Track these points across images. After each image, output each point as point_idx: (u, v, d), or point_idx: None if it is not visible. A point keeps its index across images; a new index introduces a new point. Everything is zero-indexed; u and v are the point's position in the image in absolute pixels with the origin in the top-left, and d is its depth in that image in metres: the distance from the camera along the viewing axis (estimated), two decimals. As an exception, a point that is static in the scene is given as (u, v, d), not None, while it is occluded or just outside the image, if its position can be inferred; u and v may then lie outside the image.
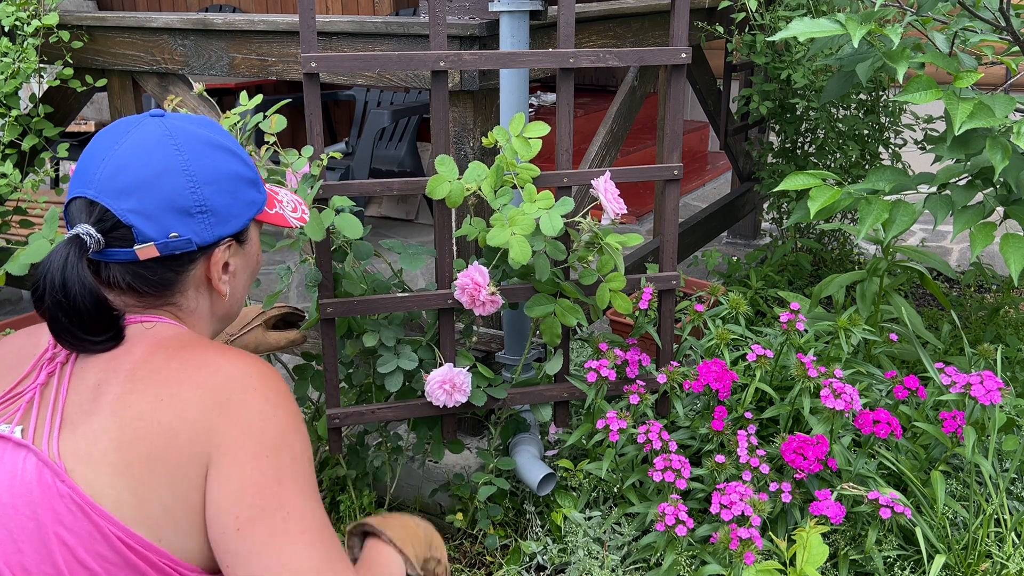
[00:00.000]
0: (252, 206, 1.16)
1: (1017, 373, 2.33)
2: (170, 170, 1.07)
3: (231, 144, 1.15)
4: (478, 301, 1.76)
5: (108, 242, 1.05)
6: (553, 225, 1.66)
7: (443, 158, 1.74)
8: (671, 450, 1.82)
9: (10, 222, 2.66)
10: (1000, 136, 1.81)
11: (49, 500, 0.94)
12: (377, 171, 4.15)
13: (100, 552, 0.94)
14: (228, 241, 1.13)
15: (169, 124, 1.11)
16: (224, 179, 1.11)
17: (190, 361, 1.02)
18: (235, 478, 0.97)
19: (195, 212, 1.08)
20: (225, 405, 0.99)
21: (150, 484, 0.96)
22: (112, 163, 1.06)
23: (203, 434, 0.98)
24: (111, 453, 0.96)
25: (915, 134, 3.19)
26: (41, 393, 1.02)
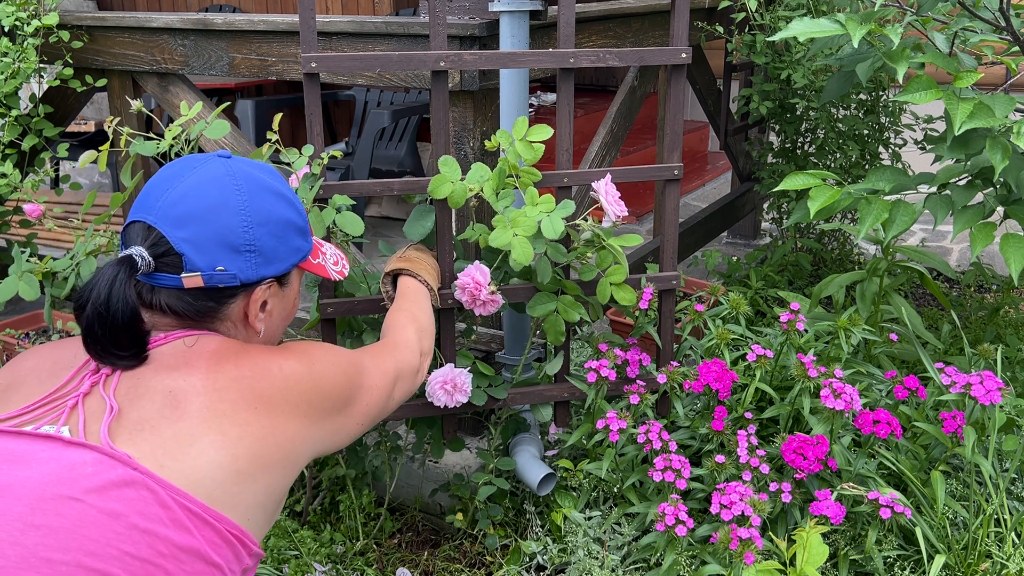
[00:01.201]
0: (297, 253, 1.24)
1: (1017, 373, 2.33)
2: (227, 207, 1.14)
3: (289, 194, 1.23)
4: (479, 300, 1.76)
5: (158, 266, 1.12)
6: (554, 228, 1.67)
7: (446, 159, 1.74)
8: (671, 450, 1.82)
9: (10, 222, 2.66)
10: (1000, 136, 1.81)
11: (117, 487, 0.96)
12: (377, 171, 4.15)
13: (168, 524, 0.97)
14: (270, 282, 1.20)
15: (233, 166, 1.19)
16: (275, 223, 1.18)
17: (256, 368, 1.12)
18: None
19: (244, 250, 1.15)
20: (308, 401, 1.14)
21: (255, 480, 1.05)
22: (174, 194, 1.14)
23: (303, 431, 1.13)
24: (211, 451, 1.02)
25: (915, 134, 3.19)
26: (84, 401, 1.05)
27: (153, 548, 0.95)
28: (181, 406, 1.04)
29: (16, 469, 0.97)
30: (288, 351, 1.18)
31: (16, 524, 0.92)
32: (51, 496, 0.94)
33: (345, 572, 1.98)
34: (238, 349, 1.14)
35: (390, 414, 1.47)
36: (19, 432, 1.01)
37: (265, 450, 1.07)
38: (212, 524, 0.99)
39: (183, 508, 0.98)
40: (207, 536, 0.99)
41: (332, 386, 1.20)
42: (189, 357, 1.10)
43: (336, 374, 1.21)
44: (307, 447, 1.14)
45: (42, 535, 0.92)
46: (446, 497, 2.13)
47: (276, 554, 1.99)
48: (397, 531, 2.17)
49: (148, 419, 1.03)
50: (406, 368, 1.41)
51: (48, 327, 2.73)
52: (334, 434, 1.21)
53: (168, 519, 0.96)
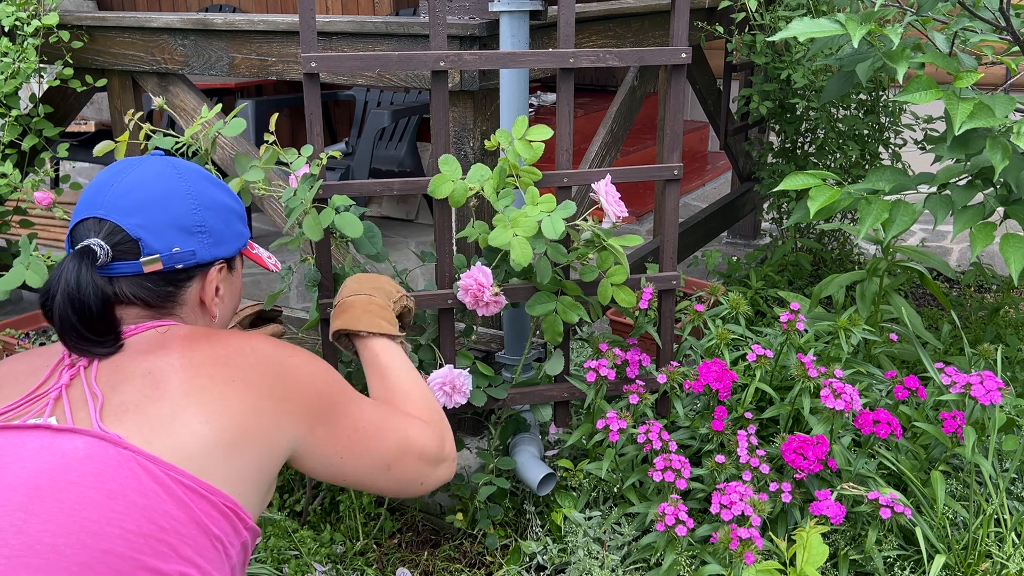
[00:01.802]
0: (241, 237, 1.30)
1: (1017, 373, 2.33)
2: (175, 192, 1.20)
3: (223, 184, 1.31)
4: (481, 302, 1.75)
5: (115, 255, 1.14)
6: (555, 228, 1.66)
7: (447, 158, 1.74)
8: (671, 450, 1.82)
9: (10, 222, 2.66)
10: (1000, 136, 1.81)
11: (112, 468, 0.97)
12: (377, 171, 4.15)
13: (165, 499, 0.98)
14: (221, 263, 1.25)
15: (173, 160, 1.26)
16: (220, 208, 1.25)
17: (231, 347, 1.14)
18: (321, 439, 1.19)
19: (195, 231, 1.20)
20: (277, 384, 1.14)
21: (241, 452, 1.06)
22: (120, 187, 1.18)
23: (277, 416, 1.13)
24: (196, 424, 1.04)
25: (915, 134, 3.19)
26: (66, 391, 1.06)
27: (154, 523, 0.96)
28: (161, 385, 1.06)
29: (9, 460, 0.98)
30: (261, 336, 1.22)
31: (17, 513, 0.93)
32: (48, 483, 0.95)
33: (345, 572, 1.98)
34: (210, 332, 1.18)
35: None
36: (6, 426, 1.02)
37: (246, 423, 1.08)
38: (206, 496, 1.01)
39: (177, 483, 0.99)
40: (203, 509, 1.00)
41: (304, 381, 1.17)
42: (163, 340, 1.13)
43: (311, 373, 1.19)
44: (281, 436, 1.13)
45: (43, 521, 0.93)
46: (446, 497, 2.13)
47: (276, 554, 1.99)
48: (397, 531, 2.17)
49: (131, 401, 1.04)
50: (420, 448, 1.29)
51: (47, 327, 2.73)
52: (308, 444, 1.17)
53: (164, 494, 0.98)
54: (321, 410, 1.19)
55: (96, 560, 0.92)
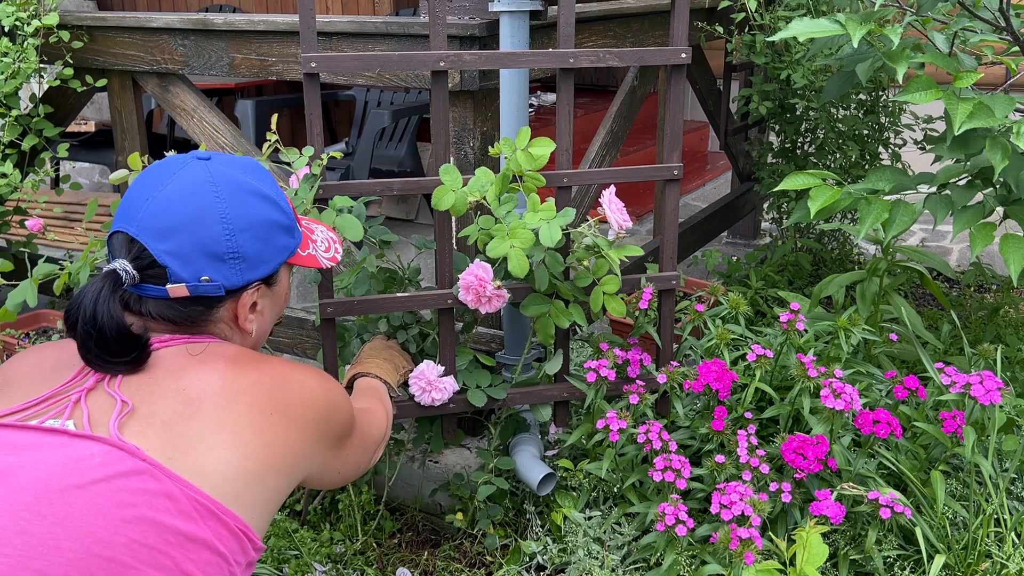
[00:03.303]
0: (284, 251, 1.24)
1: (1017, 373, 2.33)
2: (208, 216, 1.14)
3: (270, 191, 1.22)
4: (484, 297, 1.75)
5: (143, 278, 1.12)
6: (552, 236, 1.67)
7: (447, 167, 1.73)
8: (671, 450, 1.82)
9: (10, 222, 2.66)
10: (1000, 136, 1.81)
11: (124, 478, 0.97)
12: (377, 171, 4.15)
13: (175, 514, 0.98)
14: (257, 285, 1.21)
15: (213, 169, 1.17)
16: (259, 226, 1.18)
17: (277, 377, 1.13)
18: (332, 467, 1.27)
19: (227, 258, 1.15)
20: (319, 422, 1.17)
21: (262, 482, 1.07)
22: (155, 203, 1.13)
23: (308, 449, 1.15)
24: (222, 450, 1.03)
25: (915, 134, 3.19)
26: (87, 396, 1.06)
27: (161, 536, 0.96)
28: (195, 404, 1.05)
29: (22, 460, 0.98)
30: (307, 369, 1.20)
31: (23, 513, 0.93)
32: (58, 486, 0.95)
33: (345, 572, 1.98)
34: (258, 358, 1.17)
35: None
36: (23, 426, 1.02)
37: (274, 455, 1.08)
38: (219, 517, 1.01)
39: (191, 500, 0.99)
40: (213, 528, 1.00)
41: (339, 418, 1.23)
42: (204, 359, 1.12)
43: (344, 409, 1.25)
44: (305, 464, 1.16)
45: (49, 524, 0.93)
46: (446, 497, 2.13)
47: (276, 554, 1.99)
48: (397, 531, 2.17)
49: (159, 414, 1.04)
50: (381, 437, 1.50)
51: (48, 327, 2.73)
52: (322, 466, 1.23)
53: (175, 509, 0.97)
54: (340, 440, 1.25)
55: (98, 567, 0.92)
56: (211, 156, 1.20)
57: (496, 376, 1.97)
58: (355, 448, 1.32)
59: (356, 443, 1.33)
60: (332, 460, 1.25)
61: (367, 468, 1.43)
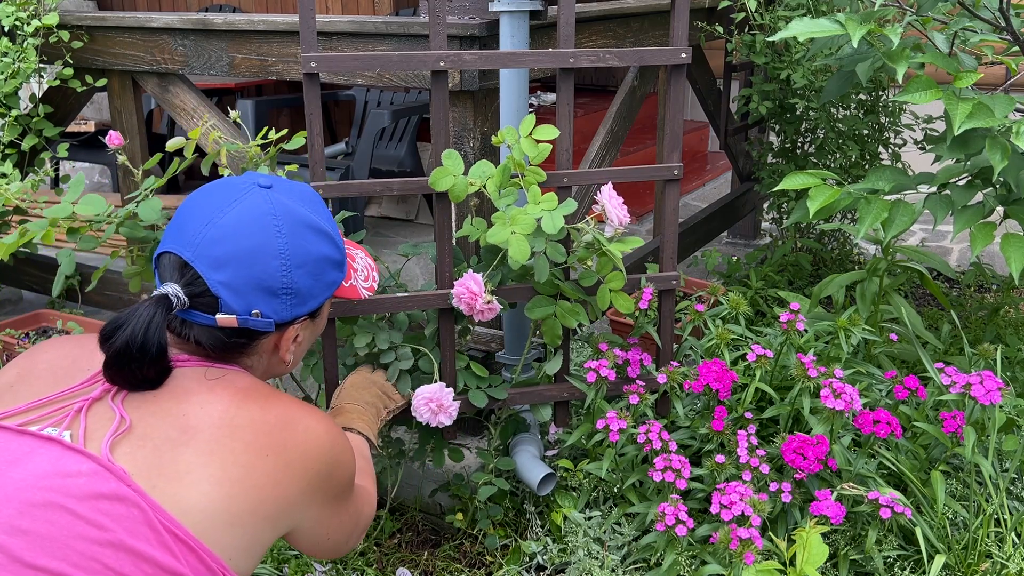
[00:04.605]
0: (332, 286, 1.23)
1: (1017, 373, 2.33)
2: (267, 250, 1.12)
3: (327, 226, 1.21)
4: (476, 309, 1.76)
5: (192, 305, 1.11)
6: (554, 224, 1.66)
7: (449, 152, 1.74)
8: (671, 450, 1.82)
9: (10, 222, 2.66)
10: (1000, 136, 1.81)
11: (108, 502, 0.96)
12: (377, 171, 4.15)
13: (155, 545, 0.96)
14: (304, 319, 1.20)
15: (275, 200, 1.15)
16: (313, 263, 1.17)
17: (282, 417, 1.09)
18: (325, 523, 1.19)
19: (281, 294, 1.14)
20: (319, 473, 1.12)
21: (244, 525, 1.03)
22: (214, 231, 1.11)
23: (300, 500, 1.10)
24: (206, 485, 1.00)
25: (915, 134, 3.19)
26: (91, 407, 1.04)
27: (137, 567, 0.94)
28: (190, 431, 1.03)
29: (11, 469, 0.97)
30: (318, 415, 1.16)
31: (3, 527, 0.92)
32: (42, 501, 0.94)
33: (345, 572, 1.98)
34: (268, 393, 1.13)
35: None
36: (21, 431, 1.01)
37: (262, 501, 1.04)
38: (198, 554, 0.98)
39: (170, 533, 0.97)
40: (191, 563, 0.98)
41: (340, 474, 1.18)
42: (213, 386, 1.09)
43: (348, 466, 1.20)
44: (294, 516, 1.11)
45: (28, 541, 0.92)
46: (446, 497, 2.13)
47: (276, 554, 1.99)
48: (397, 531, 2.17)
49: (153, 437, 1.02)
50: (368, 519, 1.37)
51: (48, 327, 2.73)
52: (314, 524, 1.17)
53: (155, 540, 0.96)
54: (339, 498, 1.20)
55: None
56: (272, 184, 1.17)
57: (496, 376, 1.97)
58: (349, 516, 1.25)
59: (351, 510, 1.25)
60: (326, 519, 1.19)
61: (352, 546, 1.33)
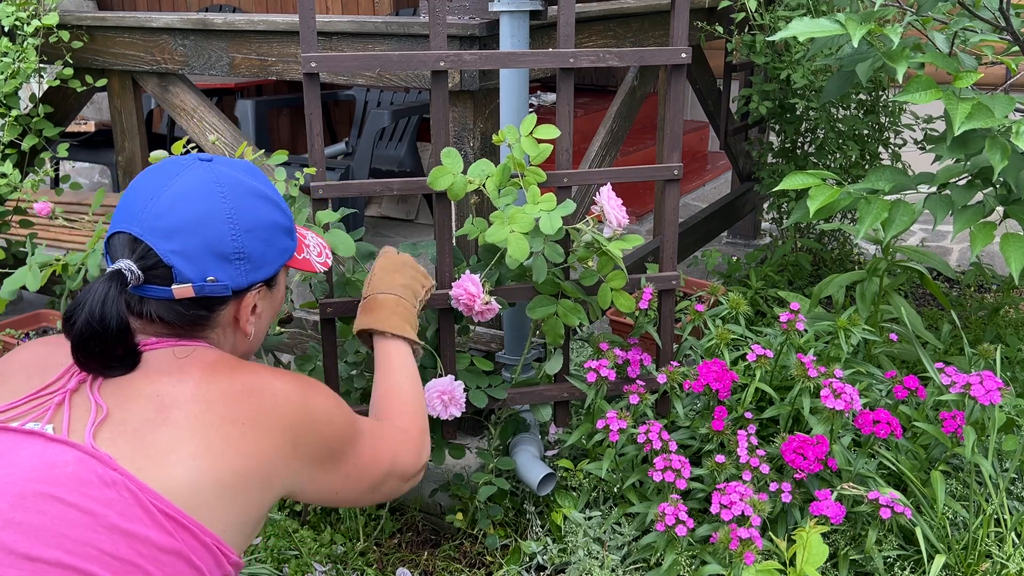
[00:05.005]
0: (285, 254, 1.24)
1: (1017, 373, 2.33)
2: (215, 216, 1.13)
3: (273, 194, 1.22)
4: (474, 311, 1.76)
5: (147, 279, 1.11)
6: (553, 224, 1.66)
7: (449, 150, 1.74)
8: (671, 450, 1.82)
9: (10, 222, 2.66)
10: (1000, 136, 1.81)
11: (97, 487, 0.96)
12: (377, 171, 4.15)
13: (149, 525, 0.97)
14: (260, 286, 1.20)
15: (217, 170, 1.17)
16: (263, 228, 1.18)
17: (249, 385, 1.10)
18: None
19: (233, 259, 1.14)
20: (295, 431, 1.12)
21: (233, 495, 1.04)
22: (160, 204, 1.12)
23: (281, 459, 1.11)
24: (189, 461, 1.01)
25: (915, 134, 3.19)
26: (70, 398, 1.05)
27: (133, 548, 0.95)
28: (166, 411, 1.04)
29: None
30: (288, 376, 1.17)
31: None
32: (32, 493, 0.95)
33: (345, 572, 1.98)
34: (235, 364, 1.14)
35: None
36: (3, 428, 1.02)
37: (246, 466, 1.05)
38: (191, 530, 0.99)
39: (162, 512, 0.98)
40: (186, 540, 0.99)
41: (323, 430, 1.17)
42: (183, 364, 1.10)
43: (329, 420, 1.19)
44: (283, 475, 1.12)
45: (22, 532, 0.92)
46: (446, 497, 2.13)
47: (276, 554, 1.99)
48: (397, 531, 2.17)
49: (131, 421, 1.03)
50: (402, 470, 1.33)
51: (48, 327, 2.73)
52: (309, 483, 1.17)
53: (149, 521, 0.97)
54: (330, 456, 1.19)
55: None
56: (212, 158, 1.19)
57: (496, 376, 1.97)
58: (355, 470, 1.24)
59: (355, 464, 1.24)
60: (322, 478, 1.18)
61: (385, 497, 1.32)
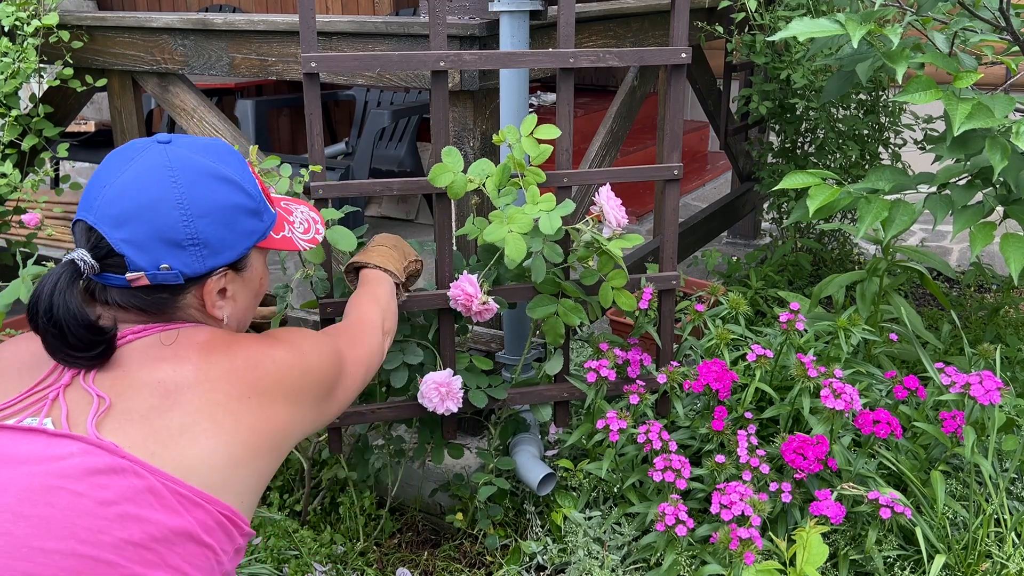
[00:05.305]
0: (252, 235, 1.20)
1: (1017, 373, 2.33)
2: (163, 202, 1.10)
3: (234, 173, 1.17)
4: (472, 311, 1.76)
5: (104, 267, 1.10)
6: (552, 224, 1.66)
7: (449, 149, 1.74)
8: (671, 450, 1.82)
9: (10, 222, 2.66)
10: (999, 136, 1.81)
11: (105, 475, 0.96)
12: (377, 171, 4.15)
13: (158, 508, 0.98)
14: (223, 271, 1.17)
15: (172, 153, 1.13)
16: (220, 211, 1.14)
17: (249, 359, 1.12)
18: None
19: (187, 245, 1.12)
20: (297, 391, 1.17)
21: (248, 466, 1.07)
22: (112, 191, 1.11)
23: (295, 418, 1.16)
24: (203, 440, 1.03)
25: (915, 134, 3.19)
26: (65, 393, 1.05)
27: (146, 532, 0.96)
28: (172, 396, 1.04)
29: (2, 463, 0.97)
30: (278, 340, 1.19)
31: (5, 515, 0.93)
32: (40, 486, 0.95)
33: (345, 572, 1.98)
34: (229, 340, 1.14)
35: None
36: (1, 426, 1.01)
37: (258, 438, 1.08)
38: (203, 506, 1.01)
39: (173, 493, 0.98)
40: (198, 518, 1.00)
41: (320, 375, 1.23)
42: (176, 349, 1.10)
43: (323, 363, 1.24)
44: (296, 432, 1.17)
45: (33, 525, 0.92)
46: (446, 497, 2.13)
47: (276, 554, 1.99)
48: (397, 531, 2.17)
49: (137, 409, 1.03)
50: (375, 352, 1.45)
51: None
52: (318, 418, 1.24)
53: (158, 504, 0.97)
54: (329, 389, 1.26)
55: (85, 567, 0.92)
56: (172, 139, 1.16)
57: (496, 376, 1.97)
58: (349, 380, 1.32)
59: (348, 375, 1.32)
60: (324, 410, 1.25)
61: (372, 373, 1.42)
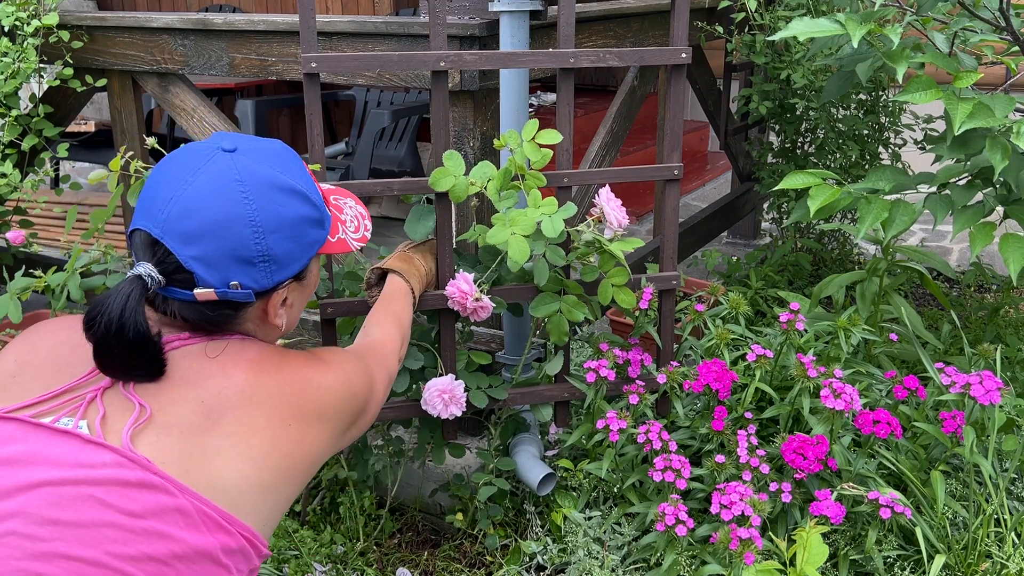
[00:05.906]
0: (315, 245, 1.19)
1: (1017, 373, 2.33)
2: (236, 220, 1.08)
3: (299, 182, 1.15)
4: (467, 309, 1.76)
5: (169, 282, 1.08)
6: (554, 227, 1.66)
7: (451, 153, 1.74)
8: (671, 450, 1.82)
9: (10, 222, 2.66)
10: (1000, 136, 1.81)
11: (135, 489, 0.96)
12: (377, 171, 4.15)
13: (183, 527, 0.97)
14: (289, 282, 1.16)
15: (240, 164, 1.10)
16: (289, 226, 1.13)
17: (295, 384, 1.11)
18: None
19: (257, 262, 1.10)
20: (337, 417, 1.17)
21: (277, 491, 1.06)
22: (180, 204, 1.07)
23: (328, 443, 1.16)
24: (237, 463, 1.02)
25: (915, 134, 3.19)
26: (103, 395, 1.03)
27: (168, 549, 0.95)
28: (214, 416, 1.03)
29: (32, 463, 0.97)
30: (326, 364, 1.18)
31: (35, 517, 0.92)
32: (71, 494, 0.94)
33: (345, 572, 1.98)
34: (278, 360, 1.12)
35: None
36: (37, 424, 1.00)
37: (292, 463, 1.07)
38: (227, 528, 1.00)
39: (200, 513, 0.98)
40: (220, 539, 0.99)
41: (359, 400, 1.23)
42: (224, 364, 1.08)
43: (362, 389, 1.24)
44: (324, 457, 1.16)
45: (60, 531, 0.92)
46: (446, 497, 2.13)
47: (276, 554, 1.99)
48: (397, 531, 2.17)
49: (177, 425, 1.02)
50: (392, 377, 1.45)
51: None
52: (341, 443, 1.24)
53: (184, 523, 0.97)
54: (360, 415, 1.26)
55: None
56: (236, 147, 1.12)
57: (496, 376, 1.97)
58: (375, 402, 1.32)
59: (375, 398, 1.31)
60: (350, 436, 1.25)
61: (389, 388, 1.43)
